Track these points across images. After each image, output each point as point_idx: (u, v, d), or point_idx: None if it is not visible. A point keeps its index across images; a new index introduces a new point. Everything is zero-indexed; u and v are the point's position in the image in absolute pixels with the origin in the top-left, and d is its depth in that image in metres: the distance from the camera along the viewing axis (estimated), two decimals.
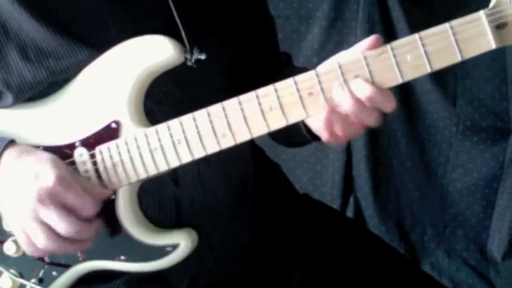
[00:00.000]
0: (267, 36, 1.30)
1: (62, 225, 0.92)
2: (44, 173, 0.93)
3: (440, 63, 0.88)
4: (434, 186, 2.58)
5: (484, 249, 2.57)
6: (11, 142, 0.98)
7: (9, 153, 0.97)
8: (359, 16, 2.38)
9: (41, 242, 0.93)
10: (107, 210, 1.02)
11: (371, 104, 0.91)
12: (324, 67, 0.93)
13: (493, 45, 0.86)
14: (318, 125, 1.01)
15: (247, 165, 1.21)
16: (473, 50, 0.86)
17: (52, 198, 0.92)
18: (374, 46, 0.91)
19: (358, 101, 0.91)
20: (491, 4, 0.86)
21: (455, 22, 0.86)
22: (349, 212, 2.60)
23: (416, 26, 0.89)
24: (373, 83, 0.90)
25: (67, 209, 0.93)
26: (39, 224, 0.93)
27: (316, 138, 1.08)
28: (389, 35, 2.31)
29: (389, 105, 0.92)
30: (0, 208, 0.98)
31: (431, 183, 2.58)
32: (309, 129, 1.07)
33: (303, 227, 1.26)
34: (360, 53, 0.91)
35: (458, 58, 0.87)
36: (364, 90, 0.90)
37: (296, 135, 1.10)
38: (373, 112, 0.93)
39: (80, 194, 0.94)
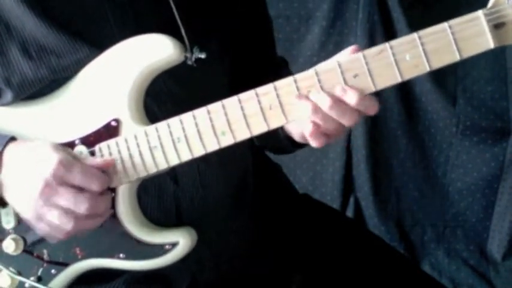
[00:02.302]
0: (265, 36, 1.30)
1: (77, 204, 0.94)
2: (46, 158, 0.94)
3: (439, 62, 0.88)
4: (434, 186, 2.58)
5: (484, 249, 2.57)
6: (12, 139, 0.99)
7: (11, 148, 0.98)
8: (359, 16, 2.38)
9: (63, 224, 0.95)
10: None
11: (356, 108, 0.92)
12: (323, 66, 0.93)
13: (491, 44, 0.86)
14: (299, 131, 1.03)
15: (247, 165, 1.21)
16: (472, 49, 0.87)
17: (59, 181, 0.93)
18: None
19: (338, 102, 0.92)
20: (490, 4, 0.86)
21: (453, 21, 0.86)
22: (349, 212, 2.60)
23: (416, 26, 0.89)
24: (372, 82, 0.90)
25: (76, 188, 0.94)
26: (53, 209, 0.94)
27: (296, 145, 1.10)
28: (389, 35, 2.31)
29: (373, 109, 0.93)
30: (12, 202, 0.98)
31: (431, 183, 2.58)
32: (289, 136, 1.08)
33: (303, 227, 1.26)
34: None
35: (457, 57, 0.87)
36: (351, 98, 0.91)
37: (274, 140, 1.11)
38: (355, 113, 0.94)
39: (85, 170, 0.95)
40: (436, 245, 2.61)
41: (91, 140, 1.01)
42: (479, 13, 0.86)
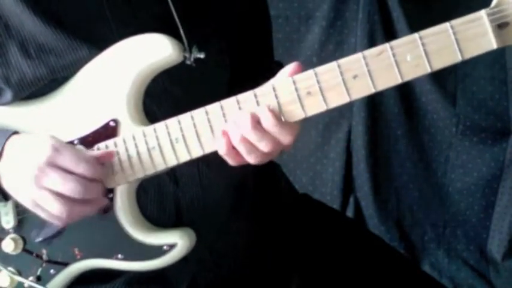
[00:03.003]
0: (265, 37, 1.29)
1: (66, 187, 0.94)
2: (40, 143, 0.95)
3: (441, 63, 0.87)
4: (434, 186, 2.58)
5: (484, 249, 2.57)
6: (15, 133, 1.00)
7: (13, 139, 0.99)
8: (359, 16, 2.38)
9: (54, 208, 0.95)
10: (105, 209, 1.03)
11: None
12: (323, 67, 0.92)
13: (494, 45, 0.85)
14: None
15: (247, 166, 1.20)
16: (474, 50, 0.85)
17: (50, 164, 0.94)
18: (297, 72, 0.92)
19: (256, 127, 0.92)
20: (493, 3, 0.85)
21: (455, 21, 0.85)
22: (349, 212, 2.60)
23: (416, 26, 0.88)
24: (372, 83, 0.89)
25: (69, 171, 0.95)
26: (45, 192, 0.94)
27: None
28: (389, 35, 2.31)
29: (287, 139, 0.93)
30: (10, 190, 0.99)
31: (431, 183, 2.58)
32: None
33: (303, 227, 1.26)
34: (286, 77, 0.92)
35: (458, 58, 0.86)
36: (269, 123, 0.92)
37: None
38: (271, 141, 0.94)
39: (76, 155, 0.95)
40: (436, 245, 2.61)
41: (89, 140, 1.01)
42: (482, 13, 0.84)
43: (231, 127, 0.93)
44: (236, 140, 0.93)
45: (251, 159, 0.95)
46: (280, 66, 1.28)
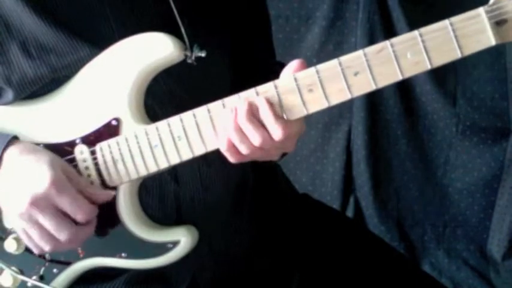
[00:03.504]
0: (265, 35, 1.30)
1: (59, 232, 0.95)
2: (40, 175, 0.94)
3: (440, 60, 0.87)
4: (434, 186, 2.58)
5: (484, 249, 2.57)
6: (14, 138, 0.99)
7: (12, 150, 0.98)
8: (359, 16, 2.38)
9: (37, 242, 0.96)
10: (108, 207, 1.03)
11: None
12: (324, 64, 0.93)
13: (492, 41, 0.86)
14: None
15: (247, 165, 1.21)
16: (473, 46, 0.86)
17: (47, 202, 0.94)
18: (301, 69, 0.93)
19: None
20: (491, 1, 0.86)
21: (455, 18, 0.86)
22: (349, 212, 2.60)
23: (416, 25, 0.89)
24: (373, 79, 0.90)
25: (62, 212, 0.95)
26: (35, 227, 0.95)
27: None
28: (389, 35, 2.30)
29: (278, 133, 0.93)
30: (1, 204, 0.99)
31: (431, 183, 2.58)
32: None
33: (303, 227, 1.26)
34: (290, 75, 0.92)
35: (458, 54, 0.87)
36: (263, 110, 0.93)
37: None
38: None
39: (75, 198, 0.96)
40: (436, 245, 2.61)
41: (92, 139, 1.02)
42: (481, 10, 0.85)
43: (228, 114, 0.94)
44: (231, 127, 0.93)
45: (243, 150, 0.95)
46: (282, 66, 1.29)
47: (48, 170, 0.95)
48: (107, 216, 1.03)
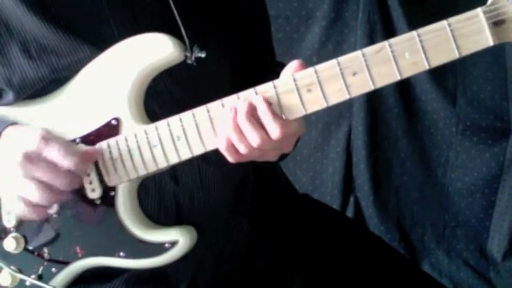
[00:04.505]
0: (265, 35, 1.30)
1: (54, 178, 0.95)
2: (30, 133, 0.96)
3: (438, 60, 0.88)
4: (434, 186, 2.58)
5: (484, 249, 2.57)
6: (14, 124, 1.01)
7: (9, 130, 0.99)
8: (359, 16, 2.38)
9: (36, 196, 0.95)
10: (107, 207, 1.03)
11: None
12: (323, 64, 0.93)
13: (490, 42, 0.86)
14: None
15: (247, 165, 1.21)
16: (471, 47, 0.86)
17: (39, 156, 0.94)
18: (300, 69, 0.93)
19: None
20: (489, 1, 0.86)
21: (453, 19, 0.86)
22: (349, 212, 2.60)
23: (416, 25, 0.89)
24: (371, 80, 0.90)
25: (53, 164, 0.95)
26: (31, 181, 0.94)
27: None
28: (389, 35, 2.30)
29: (274, 133, 0.93)
30: None
31: (431, 183, 2.58)
32: None
33: (303, 227, 1.26)
34: (289, 75, 0.93)
35: (456, 55, 0.87)
36: (261, 109, 0.93)
37: None
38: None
39: (64, 148, 0.96)
40: (436, 245, 2.61)
41: (91, 139, 1.02)
42: (478, 10, 0.85)
43: (228, 113, 0.94)
44: (230, 127, 0.94)
45: (242, 149, 0.95)
46: (282, 67, 1.29)
47: (37, 129, 0.97)
48: (106, 216, 1.03)
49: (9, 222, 1.05)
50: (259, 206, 1.24)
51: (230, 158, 0.97)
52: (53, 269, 1.07)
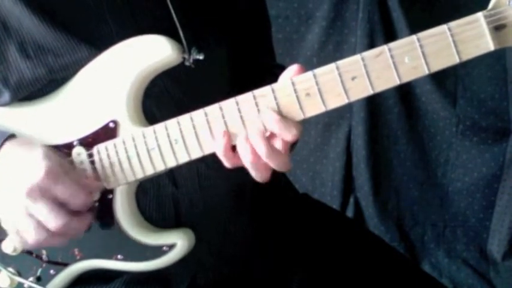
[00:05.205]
0: (265, 38, 1.29)
1: (51, 220, 0.92)
2: (34, 166, 0.93)
3: (439, 65, 0.87)
4: (434, 186, 2.58)
5: (484, 249, 2.57)
6: (12, 136, 0.99)
7: (8, 145, 0.97)
8: (359, 16, 2.38)
9: (31, 236, 0.93)
10: (105, 209, 1.03)
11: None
12: (322, 68, 0.92)
13: (491, 46, 0.85)
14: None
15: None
16: (472, 52, 0.85)
17: (41, 192, 0.92)
18: (299, 74, 0.92)
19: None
20: (490, 5, 0.85)
21: (453, 23, 0.85)
22: (349, 212, 2.60)
23: (416, 26, 0.88)
24: (370, 84, 0.89)
25: (58, 202, 0.93)
26: (29, 219, 0.92)
27: None
28: (389, 35, 2.32)
29: (289, 135, 0.92)
30: None
31: (431, 183, 2.58)
32: None
33: (303, 227, 1.26)
34: (287, 79, 0.92)
35: (456, 60, 0.86)
36: (271, 120, 0.92)
37: None
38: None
39: (70, 186, 0.93)
40: (436, 245, 2.61)
41: (89, 142, 1.01)
42: (479, 15, 0.84)
43: (246, 149, 0.94)
44: (248, 160, 0.94)
45: (246, 162, 0.95)
46: (282, 69, 1.29)
47: (43, 160, 0.93)
48: (103, 218, 1.03)
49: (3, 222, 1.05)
50: (258, 206, 1.23)
51: (227, 163, 0.96)
52: (52, 271, 1.07)
